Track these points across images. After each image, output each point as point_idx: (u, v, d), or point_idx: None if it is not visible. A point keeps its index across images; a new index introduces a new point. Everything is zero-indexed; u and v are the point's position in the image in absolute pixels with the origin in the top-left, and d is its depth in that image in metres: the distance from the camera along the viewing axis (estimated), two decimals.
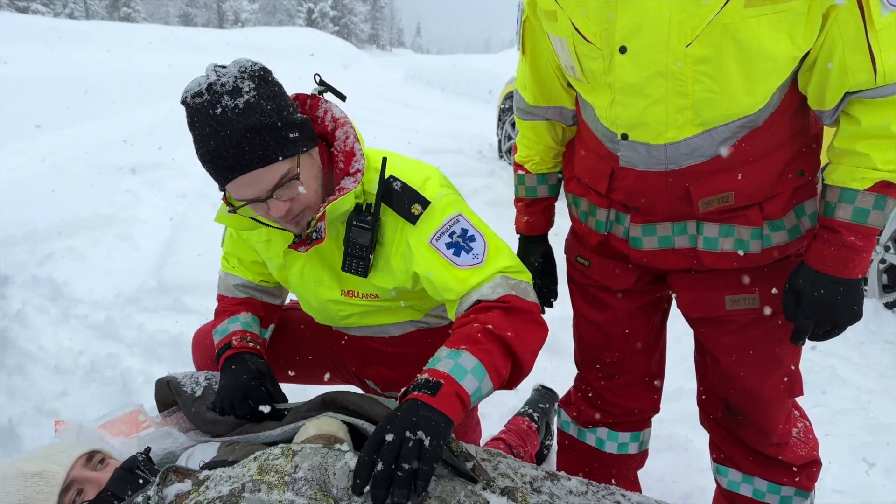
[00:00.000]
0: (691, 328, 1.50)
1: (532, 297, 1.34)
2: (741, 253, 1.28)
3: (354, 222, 1.36)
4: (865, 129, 1.10)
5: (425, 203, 1.34)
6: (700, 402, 1.60)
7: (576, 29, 1.18)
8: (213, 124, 1.19)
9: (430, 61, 21.21)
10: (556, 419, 1.87)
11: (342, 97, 1.49)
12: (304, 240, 1.40)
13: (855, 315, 1.20)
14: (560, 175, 1.62)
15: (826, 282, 1.18)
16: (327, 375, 1.81)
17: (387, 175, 1.37)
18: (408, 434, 1.02)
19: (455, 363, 1.14)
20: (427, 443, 1.01)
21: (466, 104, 12.39)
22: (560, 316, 2.74)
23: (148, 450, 1.27)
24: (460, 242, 1.33)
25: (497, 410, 2.37)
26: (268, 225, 1.41)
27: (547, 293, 1.71)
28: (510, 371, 1.24)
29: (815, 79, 1.13)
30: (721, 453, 1.58)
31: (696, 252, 1.31)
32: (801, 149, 1.25)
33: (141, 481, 1.17)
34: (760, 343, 1.37)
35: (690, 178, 1.24)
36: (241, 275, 1.69)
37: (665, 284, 1.48)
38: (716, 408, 1.53)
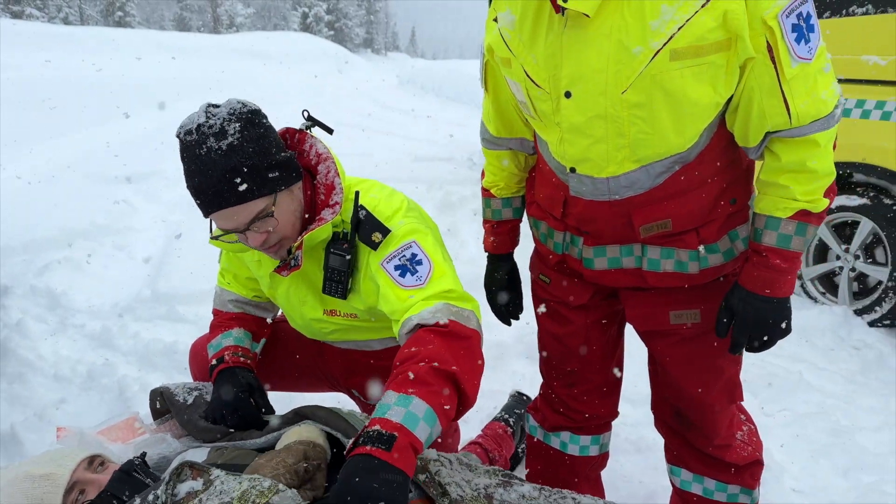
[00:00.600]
0: (641, 341, 1.62)
1: (473, 324, 1.37)
2: (681, 273, 1.41)
3: (332, 250, 1.48)
4: (785, 164, 1.24)
5: (385, 231, 1.45)
6: (653, 408, 1.73)
7: (527, 75, 1.32)
8: (197, 163, 1.32)
9: (424, 66, 21.32)
10: (527, 424, 1.98)
11: (329, 131, 1.62)
12: (286, 265, 1.52)
13: (783, 330, 1.35)
14: (524, 198, 1.74)
15: (756, 300, 1.31)
16: (315, 383, 1.93)
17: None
18: (359, 498, 1.01)
19: (406, 411, 1.13)
20: None
21: (459, 110, 12.49)
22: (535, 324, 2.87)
23: (144, 454, 1.38)
24: (407, 265, 1.43)
25: (476, 416, 2.47)
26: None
27: (513, 308, 1.83)
28: (457, 408, 1.24)
29: (739, 120, 1.27)
30: (674, 455, 1.70)
31: (642, 272, 1.44)
32: (733, 179, 1.38)
33: (140, 484, 1.28)
34: (702, 355, 1.50)
35: (632, 207, 1.37)
36: (235, 291, 1.81)
37: (618, 300, 1.60)
38: (667, 413, 1.66)
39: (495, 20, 1.39)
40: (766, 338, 1.35)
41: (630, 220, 1.38)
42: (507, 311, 1.86)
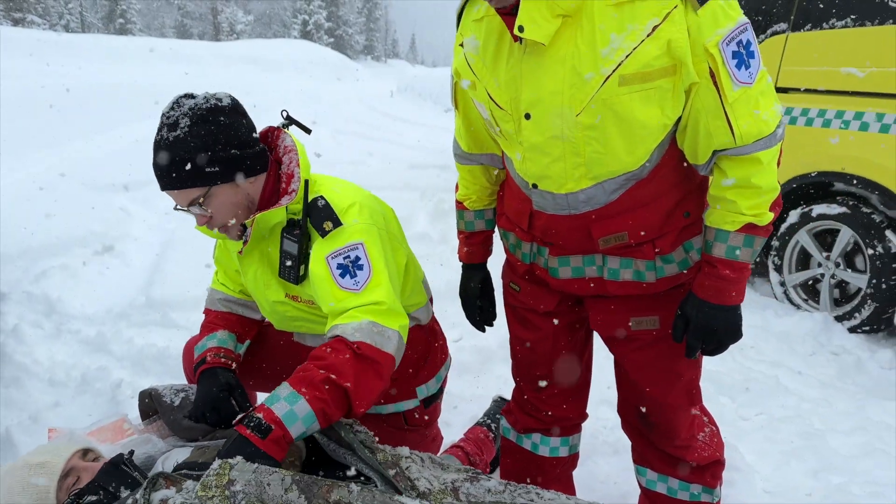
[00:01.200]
0: (605, 346, 1.69)
1: (390, 347, 1.48)
2: (639, 282, 1.49)
3: (285, 235, 1.61)
4: (731, 177, 1.32)
5: (337, 223, 1.58)
6: (619, 410, 1.80)
7: (490, 97, 1.41)
8: (154, 147, 1.53)
9: (422, 73, 21.45)
10: (501, 426, 2.04)
11: (307, 130, 1.77)
12: (243, 246, 1.68)
13: (734, 335, 1.43)
14: (495, 210, 1.81)
15: (708, 308, 1.40)
16: None
17: (315, 195, 1.62)
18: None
19: (290, 409, 1.32)
20: None
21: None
22: None
23: (131, 452, 1.45)
24: (349, 267, 1.53)
25: (459, 420, 2.55)
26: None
27: (486, 315, 1.91)
28: (350, 414, 1.43)
29: (688, 140, 1.35)
30: (639, 455, 1.78)
31: (603, 281, 1.52)
32: (686, 194, 1.46)
33: (127, 476, 1.36)
34: (662, 359, 1.57)
35: (590, 221, 1.45)
36: (223, 290, 1.93)
37: (583, 307, 1.67)
38: (631, 414, 1.73)
39: (461, 45, 1.48)
40: (718, 340, 1.43)
41: (589, 233, 1.46)
42: (481, 318, 1.93)
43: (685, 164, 1.43)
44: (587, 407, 1.90)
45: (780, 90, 3.82)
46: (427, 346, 1.95)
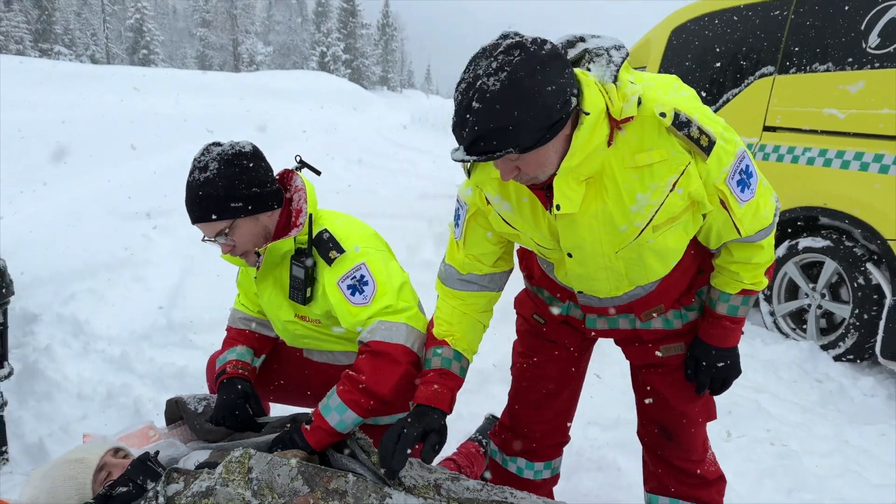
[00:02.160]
0: (635, 372, 1.90)
1: (399, 337, 1.72)
2: (667, 329, 1.75)
3: (293, 262, 1.87)
4: (736, 258, 1.59)
5: (341, 251, 1.82)
6: (639, 432, 1.96)
7: (536, 242, 1.61)
8: (187, 187, 1.78)
9: (437, 104, 21.89)
10: (489, 447, 2.18)
11: (317, 172, 2.06)
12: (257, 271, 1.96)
13: (736, 371, 1.73)
14: (468, 364, 1.73)
15: (714, 350, 1.69)
16: (302, 399, 2.23)
17: (321, 229, 1.87)
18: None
19: (326, 403, 1.70)
20: None
21: None
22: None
23: (157, 452, 1.67)
24: (357, 285, 1.80)
25: (454, 436, 2.71)
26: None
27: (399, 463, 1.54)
28: (378, 400, 1.70)
29: (702, 235, 1.60)
30: (654, 481, 1.92)
31: (637, 331, 1.76)
32: (702, 259, 1.71)
33: (153, 471, 1.57)
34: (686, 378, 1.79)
35: (632, 306, 1.70)
36: (244, 310, 2.19)
37: (595, 341, 1.92)
38: (652, 431, 1.88)
39: (488, 202, 1.57)
40: (724, 377, 1.71)
41: (631, 309, 1.72)
42: (393, 467, 1.51)
43: (700, 245, 1.67)
44: (571, 429, 2.07)
45: (767, 129, 4.04)
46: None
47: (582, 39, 1.43)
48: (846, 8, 3.63)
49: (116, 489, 1.52)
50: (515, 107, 1.20)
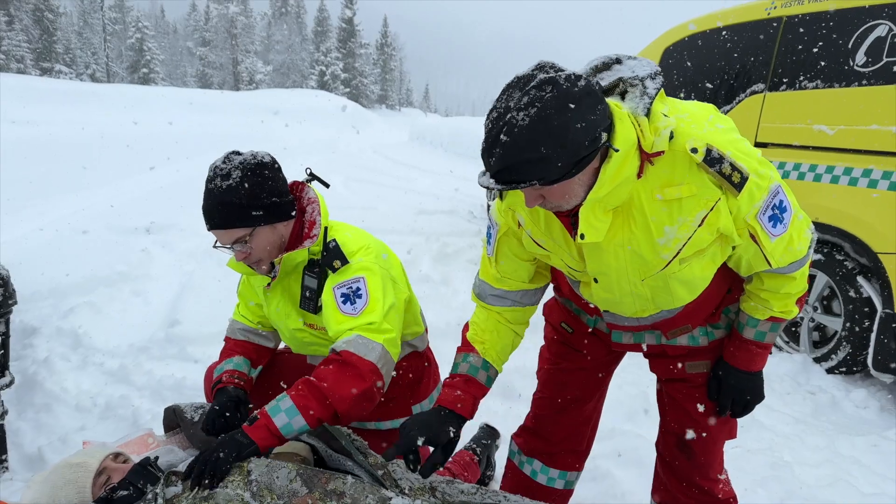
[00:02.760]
0: (660, 385, 1.91)
1: (372, 356, 1.71)
2: (693, 346, 1.75)
3: (307, 272, 1.92)
4: (766, 286, 1.58)
5: (345, 261, 1.88)
6: (658, 443, 1.96)
7: (566, 265, 1.64)
8: (207, 192, 1.82)
9: (434, 123, 22.06)
10: (508, 449, 2.18)
11: (326, 185, 2.11)
12: (271, 280, 1.98)
13: (759, 395, 1.72)
14: (496, 373, 1.76)
15: (737, 373, 1.69)
16: None
17: (330, 239, 1.93)
18: (216, 450, 1.54)
19: (276, 404, 1.64)
20: (222, 455, 1.52)
21: (465, 164, 12.95)
22: (515, 366, 3.15)
23: (156, 458, 1.70)
24: (350, 295, 1.84)
25: None
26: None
27: (414, 460, 1.57)
28: (330, 411, 1.65)
29: (732, 263, 1.60)
30: (663, 491, 1.93)
31: (663, 346, 1.77)
32: (731, 280, 1.70)
33: (152, 476, 1.60)
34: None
35: (658, 324, 1.71)
36: (243, 321, 2.23)
37: (622, 354, 1.93)
38: (671, 443, 1.88)
39: (519, 225, 1.62)
40: (746, 400, 1.70)
41: (658, 328, 1.73)
42: (410, 459, 1.55)
43: (728, 269, 1.65)
44: (592, 443, 2.08)
45: (758, 145, 4.10)
46: (422, 370, 2.23)
47: (618, 61, 1.42)
48: (834, 27, 3.71)
49: (117, 493, 1.55)
50: (543, 143, 1.21)
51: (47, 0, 43.94)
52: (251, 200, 1.81)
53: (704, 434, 1.80)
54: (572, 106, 1.21)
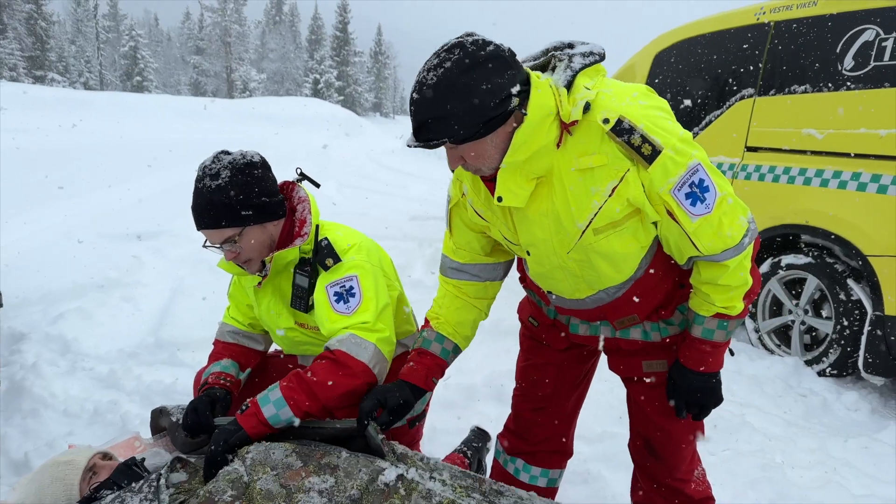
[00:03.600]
0: (623, 384, 1.90)
1: (364, 356, 1.72)
2: (646, 341, 1.73)
3: (297, 271, 1.91)
4: (704, 278, 1.53)
5: (337, 259, 1.88)
6: (630, 445, 1.96)
7: (504, 236, 1.66)
8: (196, 192, 1.80)
9: None
10: (494, 448, 2.21)
11: (316, 185, 2.10)
12: (263, 278, 1.96)
13: (714, 398, 1.64)
14: (456, 349, 1.84)
15: (691, 374, 1.62)
16: None
17: (322, 238, 1.92)
18: (211, 444, 1.56)
19: (266, 395, 1.65)
20: (213, 448, 1.54)
21: None
22: (508, 370, 3.14)
23: (143, 458, 1.68)
24: (343, 294, 1.83)
25: (440, 450, 2.74)
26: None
27: (365, 424, 1.67)
28: (318, 405, 1.66)
29: (665, 248, 1.58)
30: (640, 492, 1.94)
31: (616, 339, 1.75)
32: (681, 273, 1.67)
33: (138, 475, 1.58)
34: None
35: (604, 311, 1.69)
36: (234, 324, 2.21)
37: (589, 348, 1.91)
38: (639, 445, 1.89)
39: (463, 194, 1.70)
40: (700, 401, 1.63)
41: (605, 316, 1.71)
42: (364, 421, 1.65)
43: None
44: (573, 442, 2.09)
45: (749, 149, 4.13)
46: None
47: (570, 46, 1.49)
48: (822, 31, 3.74)
49: (102, 491, 1.53)
50: (448, 101, 1.31)
51: (41, 8, 43.89)
52: (240, 200, 1.80)
53: (665, 435, 1.80)
54: (477, 67, 1.31)
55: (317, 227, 1.94)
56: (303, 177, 2.06)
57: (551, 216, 1.49)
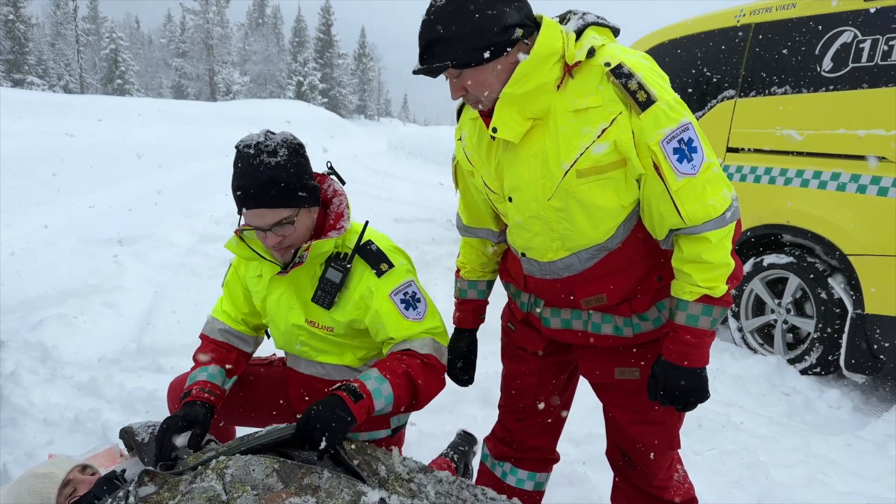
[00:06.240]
0: (594, 393, 1.88)
1: (444, 359, 1.86)
2: (618, 336, 1.68)
3: (332, 264, 1.86)
4: (686, 255, 1.49)
5: (391, 265, 1.87)
6: (607, 452, 1.96)
7: (485, 184, 1.68)
8: (250, 169, 1.69)
9: (412, 132, 22.08)
10: (481, 451, 2.21)
11: (343, 181, 2.03)
12: (291, 266, 1.86)
13: (699, 394, 1.56)
14: (490, 283, 2.06)
15: (674, 369, 1.55)
16: (266, 418, 2.20)
17: (366, 239, 1.90)
18: (324, 419, 1.55)
19: (378, 388, 1.66)
20: (334, 425, 1.54)
21: (443, 173, 12.99)
22: (496, 371, 3.13)
23: (123, 471, 1.65)
24: (410, 301, 1.85)
25: (428, 455, 2.72)
26: (261, 256, 1.89)
27: (466, 376, 2.09)
28: (408, 405, 1.78)
29: (646, 219, 1.56)
30: (621, 498, 1.94)
31: (587, 333, 1.72)
32: (658, 262, 1.65)
33: (119, 489, 1.55)
34: (643, 406, 1.73)
35: (573, 284, 1.67)
36: (226, 320, 2.10)
37: (570, 353, 1.89)
38: (616, 455, 1.90)
39: (460, 139, 1.76)
40: (683, 398, 1.55)
41: (573, 294, 1.69)
42: (461, 377, 2.08)
43: (653, 238, 1.60)
44: (557, 446, 2.09)
45: (730, 150, 4.16)
46: None
47: (587, 14, 1.55)
48: (801, 34, 3.78)
49: None
50: (452, 21, 1.39)
51: (19, 10, 43.32)
52: (299, 180, 1.73)
53: (639, 445, 1.79)
54: None
55: (366, 223, 1.94)
56: (332, 171, 1.99)
57: (540, 157, 1.51)
